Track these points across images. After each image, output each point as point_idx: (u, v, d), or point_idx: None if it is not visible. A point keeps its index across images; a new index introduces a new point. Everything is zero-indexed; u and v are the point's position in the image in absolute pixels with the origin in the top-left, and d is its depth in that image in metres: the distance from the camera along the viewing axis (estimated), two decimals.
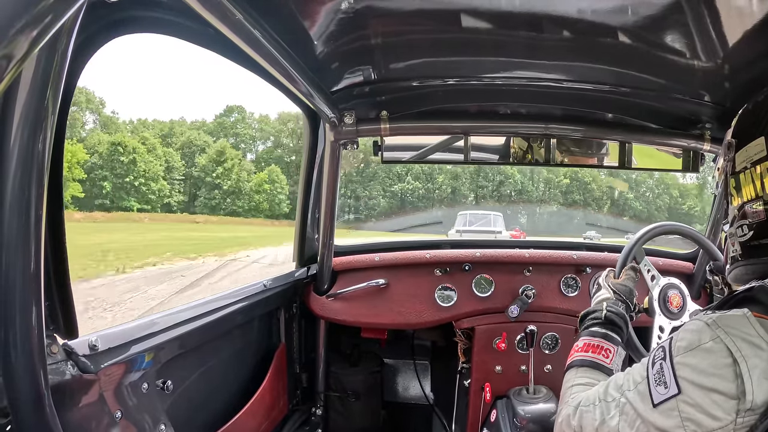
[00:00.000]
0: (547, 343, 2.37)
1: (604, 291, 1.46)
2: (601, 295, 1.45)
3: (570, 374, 1.19)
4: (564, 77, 1.70)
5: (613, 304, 1.36)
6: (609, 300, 1.39)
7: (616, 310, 1.32)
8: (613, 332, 1.25)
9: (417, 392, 2.95)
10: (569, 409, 1.04)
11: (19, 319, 0.81)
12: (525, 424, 2.05)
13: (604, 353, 1.19)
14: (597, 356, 1.19)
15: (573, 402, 1.05)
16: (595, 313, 1.32)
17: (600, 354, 1.19)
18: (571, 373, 1.19)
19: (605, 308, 1.32)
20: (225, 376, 1.82)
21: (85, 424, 1.07)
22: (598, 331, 1.25)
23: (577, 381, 1.14)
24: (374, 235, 24.97)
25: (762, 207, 0.93)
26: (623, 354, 1.23)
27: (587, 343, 1.23)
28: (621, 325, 1.29)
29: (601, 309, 1.32)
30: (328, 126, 1.95)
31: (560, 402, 1.14)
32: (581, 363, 1.19)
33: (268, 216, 53.13)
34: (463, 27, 1.34)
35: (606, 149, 2.12)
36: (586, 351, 1.21)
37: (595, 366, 1.17)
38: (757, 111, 0.98)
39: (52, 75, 0.73)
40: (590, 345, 1.21)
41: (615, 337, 1.24)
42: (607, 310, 1.31)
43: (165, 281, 13.35)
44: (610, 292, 1.43)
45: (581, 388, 1.10)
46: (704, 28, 1.24)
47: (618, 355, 1.21)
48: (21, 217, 0.77)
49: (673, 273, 2.15)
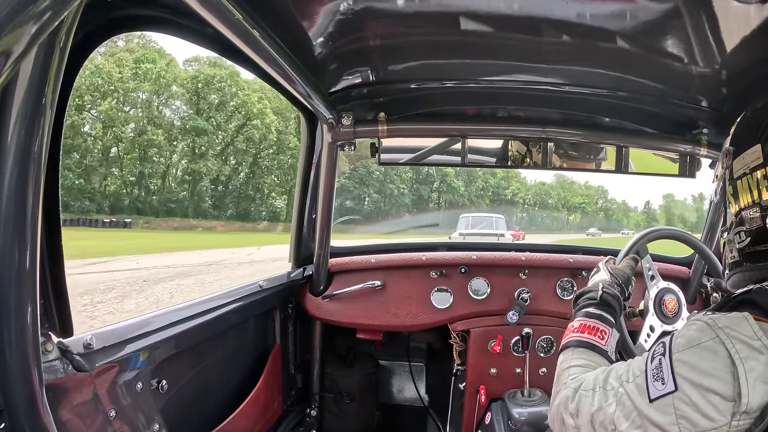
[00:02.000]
0: (543, 346, 2.37)
1: (602, 273, 1.45)
2: (598, 276, 1.45)
3: (566, 354, 1.18)
4: (562, 81, 1.71)
5: (609, 285, 1.36)
6: (605, 281, 1.39)
7: (612, 291, 1.32)
8: (608, 314, 1.25)
9: (412, 394, 2.95)
10: (568, 391, 1.04)
11: (13, 317, 0.81)
12: (520, 426, 2.05)
13: (599, 335, 1.19)
14: (593, 337, 1.19)
15: (573, 384, 1.05)
16: (590, 293, 1.33)
17: (596, 335, 1.19)
18: (567, 354, 1.18)
19: (601, 289, 1.32)
20: (220, 377, 1.81)
21: (79, 423, 1.06)
22: (593, 312, 1.25)
23: (574, 362, 1.14)
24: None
25: (759, 213, 0.93)
26: (617, 336, 1.23)
27: (583, 324, 1.22)
28: (615, 307, 1.29)
29: (597, 290, 1.32)
30: (325, 127, 1.95)
31: (556, 382, 1.13)
32: (578, 344, 1.19)
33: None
34: (462, 30, 1.35)
35: (603, 153, 2.13)
36: (582, 332, 1.20)
37: (590, 347, 1.17)
38: (754, 119, 0.99)
39: (50, 72, 0.73)
40: (586, 326, 1.21)
41: (609, 318, 1.24)
42: (603, 291, 1.31)
43: None
44: (607, 275, 1.43)
45: (579, 369, 1.10)
46: (702, 34, 1.25)
47: (612, 337, 1.21)
48: (17, 215, 0.77)
49: (669, 277, 2.16)
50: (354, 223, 43.82)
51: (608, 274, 1.43)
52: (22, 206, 0.77)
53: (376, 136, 1.97)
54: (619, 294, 1.35)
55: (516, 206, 68.35)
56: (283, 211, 48.62)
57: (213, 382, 1.76)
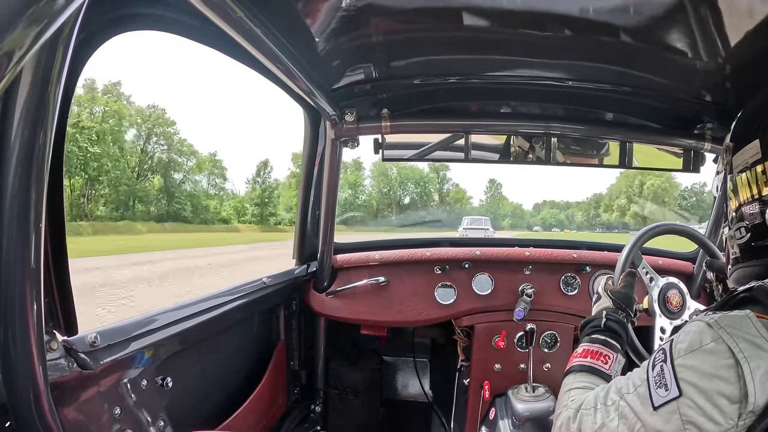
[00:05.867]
0: (547, 342, 2.37)
1: (603, 300, 1.46)
2: (601, 304, 1.45)
3: (568, 379, 1.18)
4: (565, 76, 1.70)
5: (612, 312, 1.36)
6: (608, 308, 1.39)
7: (615, 318, 1.33)
8: (613, 339, 1.25)
9: (416, 390, 2.95)
10: (569, 412, 1.03)
11: (18, 315, 0.81)
12: (523, 422, 2.05)
13: (603, 359, 1.19)
14: (596, 362, 1.18)
15: (573, 405, 1.04)
16: (594, 322, 1.33)
17: (599, 360, 1.19)
18: (569, 378, 1.18)
19: (605, 316, 1.32)
20: (224, 373, 1.82)
21: (85, 421, 1.07)
22: (597, 337, 1.25)
23: (575, 385, 1.14)
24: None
25: (758, 209, 0.93)
26: (623, 361, 1.23)
27: (586, 349, 1.23)
28: (620, 333, 1.29)
29: (601, 317, 1.32)
30: (328, 124, 1.95)
31: (558, 405, 1.13)
32: (580, 368, 1.19)
33: None
34: (465, 25, 1.34)
35: (606, 149, 2.12)
36: (585, 356, 1.21)
37: (593, 371, 1.17)
38: (753, 114, 0.98)
39: (53, 72, 0.73)
40: (589, 351, 1.22)
41: (614, 344, 1.24)
42: (606, 318, 1.32)
43: None
44: (609, 301, 1.43)
45: (579, 392, 1.10)
46: (706, 28, 1.24)
47: (617, 362, 1.20)
48: (21, 214, 0.77)
49: (673, 272, 2.15)
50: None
51: (609, 300, 1.43)
52: (26, 205, 0.78)
53: (380, 133, 1.96)
54: (623, 318, 1.35)
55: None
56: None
57: (217, 378, 1.77)
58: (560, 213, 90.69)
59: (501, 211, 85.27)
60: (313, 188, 2.34)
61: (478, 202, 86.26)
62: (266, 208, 63.08)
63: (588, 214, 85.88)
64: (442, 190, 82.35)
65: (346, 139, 2.00)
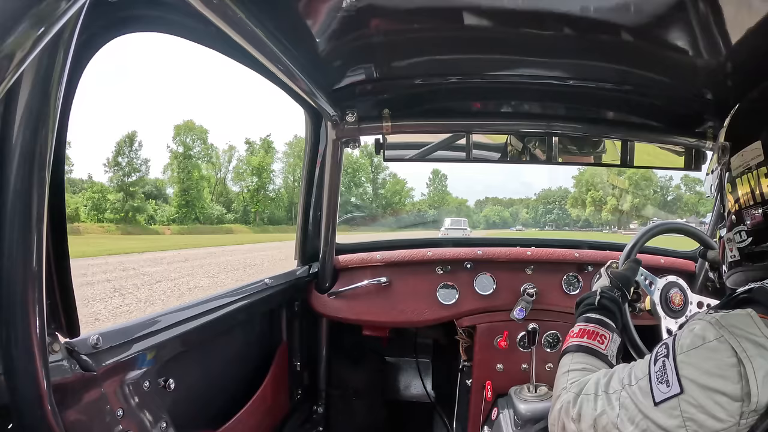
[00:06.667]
0: (549, 342, 2.37)
1: (603, 279, 1.48)
2: (600, 282, 1.47)
3: (566, 359, 1.18)
4: (566, 75, 1.70)
5: (608, 290, 1.37)
6: (605, 286, 1.40)
7: (610, 295, 1.33)
8: (608, 318, 1.25)
9: (418, 390, 2.95)
10: (569, 396, 1.03)
11: (20, 317, 0.81)
12: (526, 422, 2.04)
13: (599, 339, 1.19)
14: (592, 342, 1.19)
15: (573, 389, 1.04)
16: (588, 299, 1.33)
17: (595, 340, 1.19)
18: (566, 359, 1.18)
19: (599, 294, 1.33)
20: (226, 374, 1.82)
21: (87, 423, 1.07)
22: (593, 317, 1.25)
23: (573, 366, 1.14)
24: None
25: (760, 212, 0.92)
26: (618, 340, 1.23)
27: (582, 328, 1.23)
28: (614, 311, 1.29)
29: (595, 295, 1.33)
30: (329, 124, 1.95)
31: (556, 386, 1.13)
32: (577, 348, 1.19)
33: None
34: (466, 25, 1.34)
35: (607, 147, 2.12)
36: (582, 336, 1.21)
37: (590, 351, 1.17)
38: (751, 112, 0.97)
39: (54, 74, 0.73)
40: (586, 331, 1.22)
41: (610, 323, 1.24)
42: (600, 295, 1.32)
43: None
44: (607, 280, 1.45)
45: (578, 374, 1.10)
46: (707, 25, 1.23)
47: (613, 342, 1.21)
48: (23, 216, 0.77)
49: (675, 271, 2.15)
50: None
51: (608, 279, 1.44)
52: (28, 207, 0.77)
53: (381, 133, 1.96)
54: (619, 298, 1.35)
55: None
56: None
57: (220, 380, 1.76)
58: (504, 210, 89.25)
59: (445, 207, 78.44)
60: (315, 189, 2.34)
61: (419, 196, 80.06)
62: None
63: (536, 212, 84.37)
64: (377, 180, 74.67)
65: (348, 139, 1.99)
